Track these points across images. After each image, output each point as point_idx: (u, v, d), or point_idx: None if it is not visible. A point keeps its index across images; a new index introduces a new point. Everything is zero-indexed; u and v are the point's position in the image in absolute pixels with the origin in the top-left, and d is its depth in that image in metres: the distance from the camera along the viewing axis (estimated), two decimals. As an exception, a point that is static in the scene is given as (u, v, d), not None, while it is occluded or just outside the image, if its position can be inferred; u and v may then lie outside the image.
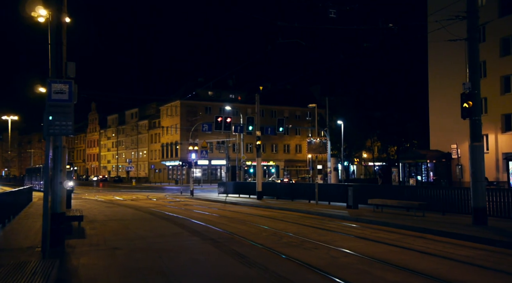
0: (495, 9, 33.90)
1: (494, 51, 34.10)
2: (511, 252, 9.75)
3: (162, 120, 79.53)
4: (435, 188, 19.63)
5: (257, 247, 10.50)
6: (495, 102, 34.15)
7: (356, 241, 11.63)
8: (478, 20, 13.92)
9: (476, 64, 14.03)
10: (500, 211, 14.81)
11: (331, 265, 8.65)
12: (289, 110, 75.66)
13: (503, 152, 33.42)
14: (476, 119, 13.83)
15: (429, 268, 8.23)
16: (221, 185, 36.62)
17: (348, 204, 20.48)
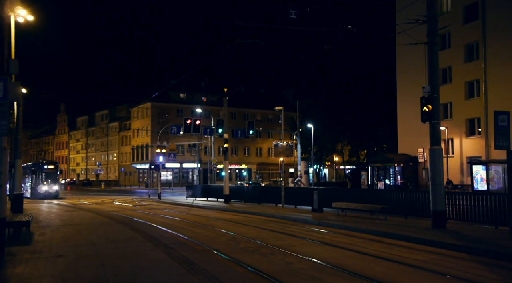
0: (460, 16, 34.60)
1: (459, 57, 34.78)
2: (463, 256, 9.74)
3: (132, 122, 78.25)
4: (398, 191, 19.76)
5: (211, 253, 10.18)
6: (460, 107, 34.81)
7: (314, 245, 11.46)
8: (437, 24, 14.03)
9: (436, 68, 14.14)
10: (460, 214, 14.91)
11: (283, 271, 8.42)
12: (262, 113, 75.62)
13: (467, 155, 34.06)
14: (435, 123, 13.91)
15: (381, 273, 8.10)
16: (189, 188, 36.09)
17: (313, 207, 20.37)
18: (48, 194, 36.91)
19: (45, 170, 37.70)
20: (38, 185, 37.25)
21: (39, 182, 37.39)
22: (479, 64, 32.98)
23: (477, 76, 33.32)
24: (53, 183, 37.83)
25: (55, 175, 38.45)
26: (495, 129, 12.27)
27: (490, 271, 8.26)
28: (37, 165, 39.36)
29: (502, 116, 12.00)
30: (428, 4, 14.20)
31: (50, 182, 37.56)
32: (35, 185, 37.49)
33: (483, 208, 14.02)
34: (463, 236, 11.87)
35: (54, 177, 38.22)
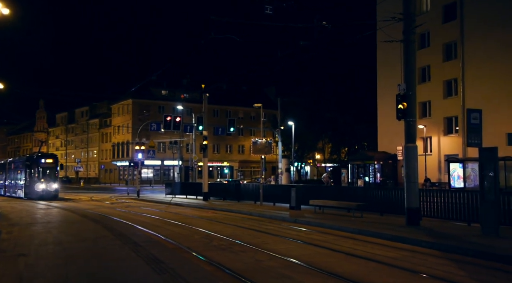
0: (438, 15, 34.94)
1: (437, 56, 35.12)
2: (434, 253, 9.77)
3: (113, 119, 77.25)
4: (374, 189, 19.87)
5: (182, 251, 10.01)
6: (438, 105, 35.19)
7: (287, 243, 11.37)
8: (413, 22, 14.06)
9: (411, 66, 14.17)
10: (435, 211, 15.01)
11: (252, 269, 8.30)
12: (244, 111, 75.33)
13: (445, 153, 34.45)
14: (411, 120, 13.93)
15: (351, 271, 8.05)
16: (168, 186, 35.76)
17: (291, 205, 20.34)
18: (46, 194, 31.06)
19: (42, 164, 31.55)
20: (33, 183, 31.12)
21: (35, 179, 31.21)
22: (457, 63, 33.37)
23: (455, 75, 33.72)
24: (52, 180, 31.58)
25: (54, 171, 32.23)
26: (467, 127, 12.38)
27: (458, 267, 8.29)
28: (32, 159, 32.62)
29: (474, 114, 12.10)
30: (405, 2, 14.21)
31: (48, 179, 31.43)
32: (29, 183, 31.56)
33: (457, 205, 14.14)
34: (436, 233, 11.94)
35: (53, 172, 31.98)
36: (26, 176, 32.15)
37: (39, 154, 34.07)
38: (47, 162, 31.90)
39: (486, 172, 11.47)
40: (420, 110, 37.04)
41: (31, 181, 31.41)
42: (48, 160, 32.14)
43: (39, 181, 31.03)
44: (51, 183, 31.46)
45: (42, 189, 31.05)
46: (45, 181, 31.17)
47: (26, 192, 32.16)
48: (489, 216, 11.35)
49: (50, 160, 32.22)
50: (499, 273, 7.84)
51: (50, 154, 36.64)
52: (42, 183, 31.06)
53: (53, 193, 31.40)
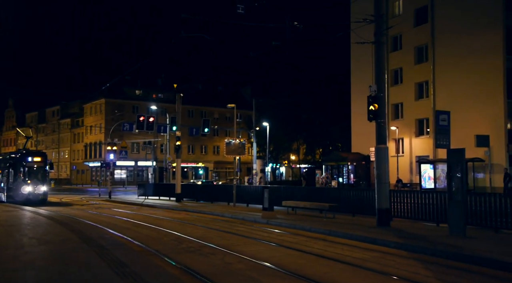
0: (410, 19, 35.55)
1: (409, 59, 35.73)
2: (402, 253, 9.82)
3: (85, 119, 75.71)
4: (347, 189, 19.98)
5: (149, 254, 9.77)
6: (410, 107, 35.79)
7: (258, 245, 11.26)
8: (384, 24, 14.18)
9: (382, 68, 14.29)
10: (406, 212, 15.17)
11: (220, 272, 8.16)
12: (220, 111, 74.92)
13: (416, 155, 35.06)
14: (381, 121, 14.03)
15: (319, 272, 7.99)
16: (141, 187, 35.20)
17: (264, 206, 20.18)
18: (32, 198, 26.67)
19: (28, 163, 27.24)
20: (18, 185, 26.82)
21: (20, 180, 26.93)
22: (428, 66, 34.02)
23: (426, 78, 34.36)
24: (40, 182, 27.17)
25: (43, 171, 27.77)
26: (436, 129, 12.56)
27: (425, 268, 8.33)
28: (16, 157, 28.20)
29: (442, 116, 12.27)
30: (375, 4, 14.32)
31: (36, 180, 27.04)
32: (13, 185, 27.16)
33: (426, 205, 14.32)
34: (405, 234, 12.03)
35: (41, 173, 27.55)
36: (8, 176, 27.80)
37: (24, 151, 29.72)
38: (34, 160, 27.54)
39: (454, 172, 11.62)
40: (393, 112, 37.62)
41: (15, 183, 27.12)
42: (35, 158, 27.81)
43: (24, 183, 26.72)
44: (39, 185, 27.07)
45: (28, 192, 26.63)
46: (32, 183, 26.80)
47: (8, 195, 27.80)
48: (456, 216, 11.51)
49: (37, 158, 27.85)
50: (465, 274, 7.91)
51: (37, 151, 32.19)
52: (28, 185, 26.66)
53: (41, 197, 27.03)
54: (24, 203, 26.14)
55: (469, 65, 31.02)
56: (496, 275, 7.86)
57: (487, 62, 30.02)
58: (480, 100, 30.31)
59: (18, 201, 26.62)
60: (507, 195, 12.92)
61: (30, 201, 26.38)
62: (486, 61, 30.05)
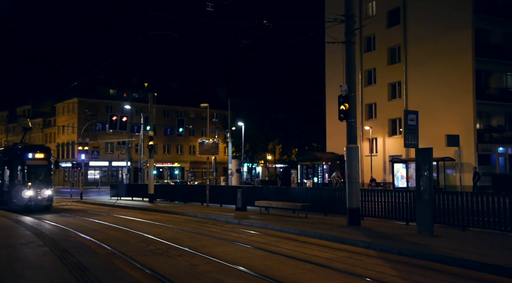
0: (383, 20, 36.02)
1: (382, 60, 36.20)
2: (370, 253, 9.84)
3: (58, 118, 74.05)
4: (319, 189, 20.03)
5: (114, 256, 9.52)
6: (383, 107, 36.26)
7: (227, 245, 11.12)
8: (354, 24, 14.23)
9: (352, 67, 14.33)
10: (377, 211, 15.28)
11: (185, 274, 8.00)
12: (195, 111, 74.40)
13: (389, 154, 35.53)
14: (352, 121, 14.07)
15: (286, 273, 7.92)
16: (113, 188, 34.59)
17: (237, 206, 20.15)
18: (34, 204, 21.32)
19: (29, 160, 21.86)
20: (16, 188, 21.34)
21: (18, 182, 21.52)
22: (401, 67, 34.54)
23: (398, 78, 34.87)
24: (44, 184, 21.84)
25: (47, 170, 22.62)
26: (405, 128, 12.64)
27: (391, 267, 8.36)
28: (13, 152, 22.55)
29: (411, 115, 12.36)
30: (346, 5, 14.37)
31: (38, 182, 21.72)
32: (9, 188, 21.69)
33: (396, 204, 14.45)
34: (375, 233, 12.08)
35: (45, 173, 22.37)
36: (4, 177, 22.18)
37: (23, 146, 23.77)
38: (36, 157, 22.04)
39: (422, 171, 11.74)
40: (367, 112, 38.06)
41: (12, 185, 21.56)
42: (37, 154, 22.21)
43: (24, 185, 21.20)
44: (43, 188, 21.59)
45: (28, 197, 21.14)
46: (34, 185, 21.33)
47: (3, 201, 22.17)
48: (424, 215, 11.62)
49: (40, 154, 22.27)
50: (429, 272, 7.95)
51: (39, 146, 25.50)
52: (28, 188, 21.15)
53: (44, 203, 21.62)
54: (23, 210, 20.76)
55: (440, 66, 31.61)
56: (459, 273, 7.94)
57: (457, 63, 30.66)
58: (450, 101, 30.93)
59: (15, 208, 21.13)
60: (474, 193, 13.13)
61: (30, 208, 21.12)
62: (456, 63, 30.69)
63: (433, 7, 32.01)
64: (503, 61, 31.56)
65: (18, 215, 19.10)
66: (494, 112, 32.24)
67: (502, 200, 11.49)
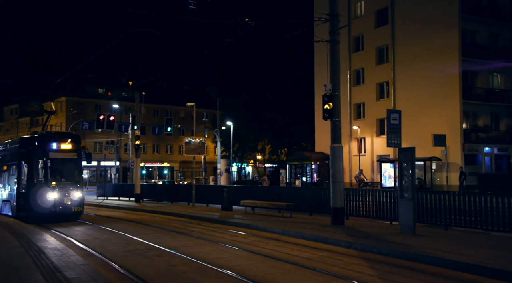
0: (372, 20, 36.07)
1: (371, 59, 36.26)
2: (351, 252, 9.78)
3: (45, 117, 73.31)
4: (304, 189, 19.99)
5: (91, 257, 9.35)
6: (372, 107, 36.31)
7: (208, 245, 11.00)
8: (338, 23, 14.16)
9: (337, 66, 14.25)
10: (361, 210, 15.23)
11: (161, 275, 7.88)
12: (185, 111, 73.90)
13: (377, 154, 35.59)
14: (336, 120, 14.00)
15: (264, 274, 7.83)
16: (100, 187, 34.27)
17: (222, 206, 20.02)
18: (60, 210, 16.49)
19: (53, 152, 16.93)
20: (35, 189, 16.39)
21: (38, 181, 16.62)
22: (389, 67, 34.62)
23: (387, 78, 34.95)
24: (72, 184, 16.92)
25: (77, 165, 17.55)
26: (388, 128, 12.62)
27: (370, 267, 8.29)
28: (32, 142, 17.41)
29: (394, 115, 12.33)
30: (330, 3, 14.30)
31: (65, 182, 16.88)
32: (28, 189, 16.57)
33: (380, 204, 14.43)
34: (357, 232, 12.03)
35: (73, 169, 17.40)
36: (20, 175, 16.93)
37: (46, 134, 18.33)
38: (62, 148, 17.03)
39: (405, 171, 11.71)
40: (355, 111, 38.11)
41: (30, 185, 16.47)
42: (63, 144, 17.12)
43: (47, 186, 16.32)
44: (71, 189, 16.67)
45: (53, 201, 16.21)
46: (60, 186, 16.50)
47: (20, 206, 16.73)
48: (406, 214, 11.59)
49: (67, 144, 17.19)
50: (408, 272, 7.90)
51: (67, 134, 19.50)
52: (53, 189, 16.30)
53: (73, 209, 16.65)
54: (45, 220, 16.07)
55: (427, 66, 31.72)
56: (438, 272, 7.89)
57: (444, 63, 30.77)
58: (437, 101, 31.05)
59: (35, 216, 16.19)
60: (456, 192, 13.14)
61: (55, 216, 16.38)
62: (443, 63, 30.80)
63: (420, 7, 32.11)
64: (489, 61, 31.75)
65: (38, 228, 14.29)
66: (481, 112, 32.45)
67: (484, 199, 11.51)
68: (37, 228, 14.17)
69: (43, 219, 16.08)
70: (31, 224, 14.95)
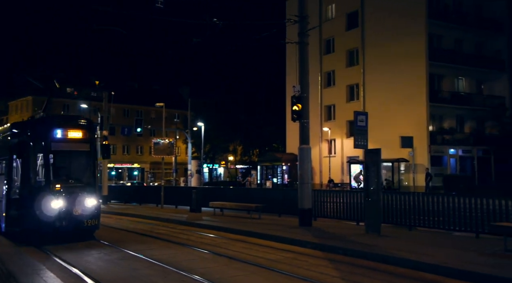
0: (343, 23, 36.52)
1: (341, 62, 36.69)
2: (317, 253, 9.79)
3: (10, 117, 70.98)
4: (273, 190, 19.99)
5: (50, 261, 9.03)
6: (342, 109, 36.71)
7: (174, 248, 10.83)
8: (307, 25, 14.21)
9: (306, 68, 14.30)
10: (329, 211, 15.32)
11: (122, 279, 7.70)
12: (156, 111, 73.05)
13: (347, 155, 36.01)
14: (305, 122, 14.03)
15: (227, 276, 7.74)
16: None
17: (191, 207, 19.82)
18: (67, 225, 11.36)
19: (57, 142, 12.05)
20: (32, 194, 11.47)
21: (36, 183, 11.86)
22: (359, 69, 35.10)
23: (357, 81, 35.42)
24: (84, 188, 11.95)
25: (89, 161, 12.52)
26: (355, 129, 12.73)
27: (334, 268, 8.31)
28: (27, 129, 12.38)
29: (361, 116, 12.44)
30: (299, 5, 14.36)
31: (74, 182, 12.10)
32: (22, 194, 11.71)
33: (348, 205, 14.55)
34: (324, 233, 12.07)
35: (85, 166, 12.52)
36: (12, 175, 12.22)
37: (47, 117, 13.18)
38: (69, 137, 12.30)
39: (370, 172, 11.83)
40: (326, 113, 38.47)
41: (25, 190, 11.77)
42: (72, 131, 12.35)
43: (48, 190, 11.54)
44: (83, 194, 11.83)
45: (58, 212, 11.32)
46: (66, 191, 11.65)
47: (11, 219, 11.91)
48: (372, 215, 11.71)
49: (76, 132, 12.41)
50: (371, 273, 7.95)
51: (76, 117, 14.81)
52: (56, 194, 11.46)
53: (85, 222, 11.80)
54: (47, 237, 11.21)
55: (396, 69, 32.30)
56: (400, 273, 7.97)
57: (412, 67, 31.42)
58: (405, 103, 31.65)
59: (32, 234, 11.30)
60: (420, 193, 13.36)
61: (60, 231, 11.37)
62: (411, 66, 31.45)
63: (389, 11, 32.68)
64: (455, 66, 32.62)
65: (33, 253, 10.06)
66: (446, 115, 33.28)
67: (447, 200, 11.75)
68: (32, 253, 9.91)
69: (43, 237, 11.14)
70: (25, 246, 10.60)
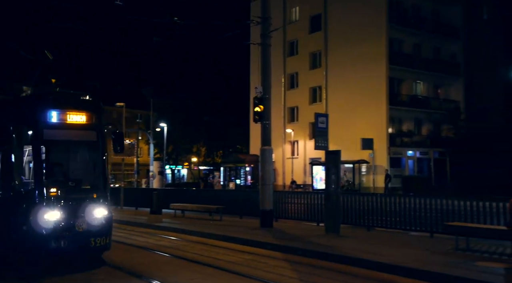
0: (306, 26, 36.93)
1: (305, 64, 37.08)
2: (276, 255, 9.76)
3: None
4: (235, 191, 19.92)
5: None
6: (305, 111, 37.07)
7: (131, 251, 10.56)
8: (270, 27, 14.22)
9: (268, 69, 14.30)
10: (290, 212, 15.37)
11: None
12: (118, 111, 71.50)
13: (310, 157, 36.39)
14: (266, 123, 14.02)
15: (185, 279, 7.62)
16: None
17: (152, 209, 19.45)
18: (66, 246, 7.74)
19: (53, 128, 8.22)
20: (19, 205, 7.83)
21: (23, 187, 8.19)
22: (322, 72, 35.57)
23: (319, 83, 35.88)
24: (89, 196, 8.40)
25: (95, 154, 8.98)
26: (315, 131, 12.85)
27: (293, 269, 8.31)
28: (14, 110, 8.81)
29: (321, 118, 12.57)
30: (262, 7, 14.37)
31: (74, 185, 8.39)
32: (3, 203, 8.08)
33: (308, 206, 14.64)
34: (284, 235, 12.09)
35: (89, 162, 9.10)
36: None
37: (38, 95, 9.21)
38: (69, 121, 8.52)
39: (330, 173, 11.94)
40: (289, 115, 38.75)
41: (8, 195, 8.12)
42: (72, 113, 8.59)
43: (39, 195, 7.74)
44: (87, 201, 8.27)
45: (52, 226, 7.61)
46: (65, 197, 8.03)
47: None
48: (331, 216, 11.83)
49: (79, 115, 8.67)
50: (329, 273, 8.00)
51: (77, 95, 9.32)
52: (51, 202, 7.75)
53: (92, 241, 8.08)
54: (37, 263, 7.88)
55: (357, 72, 32.94)
56: (358, 273, 8.05)
57: (372, 70, 32.12)
58: (366, 106, 32.31)
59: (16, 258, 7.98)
60: (378, 194, 13.64)
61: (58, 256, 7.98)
62: (371, 70, 32.15)
63: (351, 15, 33.30)
64: (413, 70, 33.61)
65: None
66: (405, 117, 34.22)
67: (404, 200, 12.02)
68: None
69: (31, 264, 7.90)
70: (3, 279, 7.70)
